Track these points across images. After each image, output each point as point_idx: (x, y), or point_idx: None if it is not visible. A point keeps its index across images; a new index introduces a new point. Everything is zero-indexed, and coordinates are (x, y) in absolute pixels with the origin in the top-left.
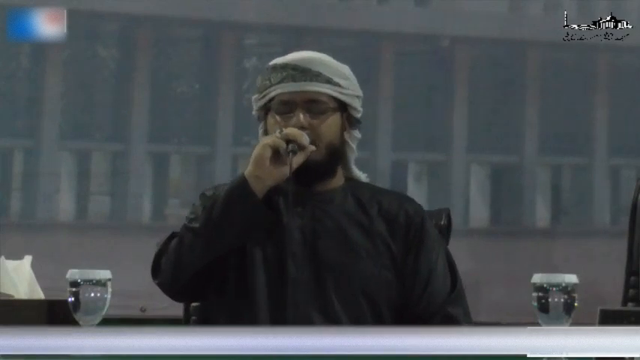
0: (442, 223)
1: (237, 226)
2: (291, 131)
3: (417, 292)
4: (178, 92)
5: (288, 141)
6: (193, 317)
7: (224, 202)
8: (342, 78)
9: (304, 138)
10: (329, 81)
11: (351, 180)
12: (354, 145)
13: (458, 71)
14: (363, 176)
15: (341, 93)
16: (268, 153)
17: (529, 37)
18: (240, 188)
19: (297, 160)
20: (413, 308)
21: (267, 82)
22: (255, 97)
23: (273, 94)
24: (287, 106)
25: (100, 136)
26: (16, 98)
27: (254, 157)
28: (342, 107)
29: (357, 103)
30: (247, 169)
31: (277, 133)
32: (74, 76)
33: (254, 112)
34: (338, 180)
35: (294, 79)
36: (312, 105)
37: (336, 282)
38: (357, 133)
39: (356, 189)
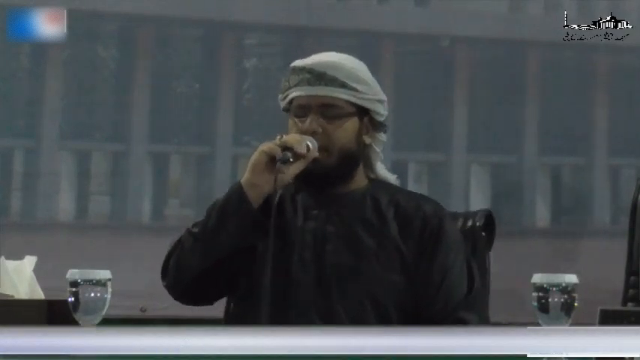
0: (477, 224)
1: (232, 232)
2: (290, 138)
3: (430, 294)
4: (178, 92)
5: (285, 148)
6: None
7: (220, 209)
8: (359, 82)
9: (302, 145)
10: (344, 85)
11: (375, 181)
12: (378, 149)
13: (458, 71)
14: (392, 177)
15: (357, 97)
16: (264, 159)
17: (529, 37)
18: (236, 195)
19: (296, 167)
20: (426, 311)
21: (287, 83)
22: (279, 96)
23: (291, 96)
24: (303, 110)
25: (100, 136)
26: (16, 98)
27: (250, 163)
28: (362, 111)
29: (379, 107)
30: (244, 176)
31: (277, 140)
32: (74, 76)
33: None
34: (359, 182)
35: (309, 83)
36: (327, 109)
37: (341, 286)
38: (381, 136)
39: (377, 191)
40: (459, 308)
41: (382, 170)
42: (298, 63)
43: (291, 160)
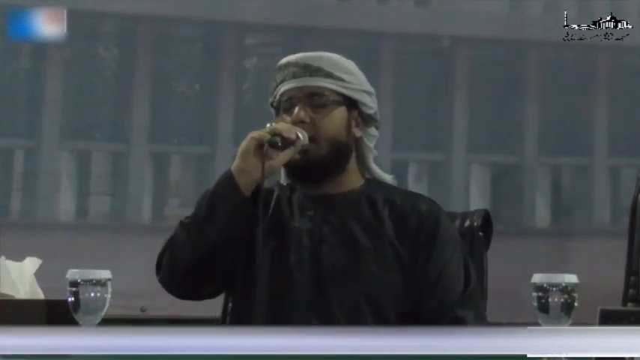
0: (475, 224)
1: (223, 220)
2: (279, 125)
3: (426, 292)
4: (178, 92)
5: (275, 134)
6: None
7: (211, 197)
8: (344, 72)
9: (292, 132)
10: (329, 75)
11: (371, 181)
12: (370, 144)
13: (458, 71)
14: (388, 177)
15: (343, 87)
16: (253, 145)
17: (529, 37)
18: (226, 182)
19: (286, 154)
20: (422, 309)
21: (274, 82)
22: (270, 100)
23: (279, 92)
24: (290, 103)
25: (100, 136)
26: (16, 98)
27: (240, 150)
28: (349, 103)
29: (366, 99)
30: (234, 163)
31: (267, 127)
32: (74, 76)
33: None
34: (354, 181)
35: (294, 76)
36: (313, 99)
37: (338, 287)
38: (372, 131)
39: (373, 191)
40: (456, 306)
41: (378, 170)
42: (283, 60)
43: (280, 144)
